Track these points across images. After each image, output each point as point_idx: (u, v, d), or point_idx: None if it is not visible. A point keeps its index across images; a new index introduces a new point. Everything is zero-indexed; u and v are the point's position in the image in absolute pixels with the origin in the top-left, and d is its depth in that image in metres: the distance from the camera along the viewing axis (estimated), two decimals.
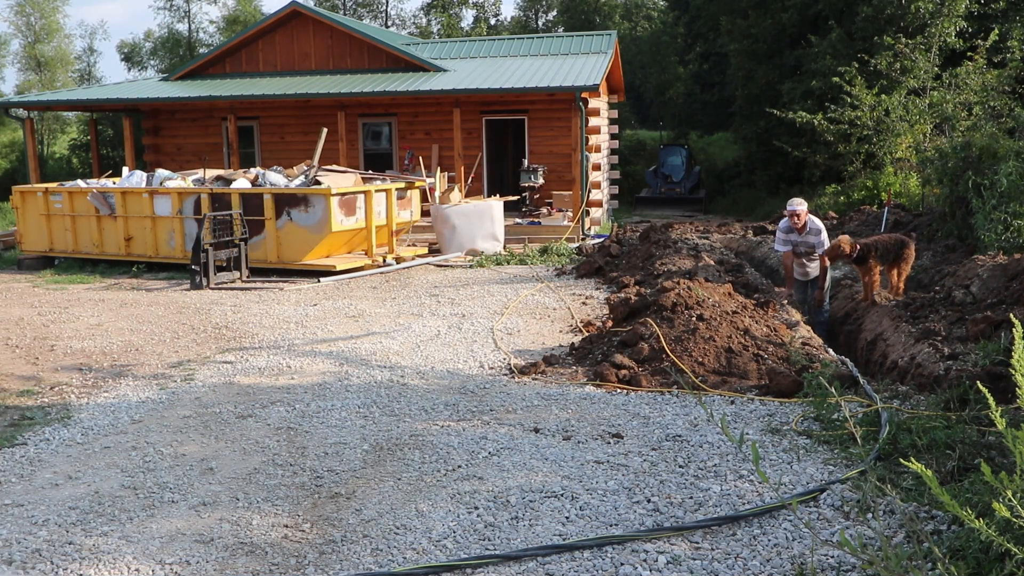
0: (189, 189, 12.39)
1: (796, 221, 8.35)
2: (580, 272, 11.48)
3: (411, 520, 3.70)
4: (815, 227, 8.41)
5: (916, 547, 2.99)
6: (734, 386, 5.76)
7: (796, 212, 8.33)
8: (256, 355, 7.13)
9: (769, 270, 12.00)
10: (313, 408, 5.49)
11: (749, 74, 25.89)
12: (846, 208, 18.08)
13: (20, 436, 5.06)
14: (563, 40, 20.96)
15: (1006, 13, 19.68)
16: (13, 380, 6.42)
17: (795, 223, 8.37)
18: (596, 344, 6.89)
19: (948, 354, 5.82)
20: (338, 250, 12.09)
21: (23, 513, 3.90)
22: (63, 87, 40.85)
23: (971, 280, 7.84)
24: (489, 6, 51.73)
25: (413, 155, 17.46)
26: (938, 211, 12.83)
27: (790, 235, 8.52)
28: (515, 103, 17.62)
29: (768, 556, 3.29)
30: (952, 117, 16.28)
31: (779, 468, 4.22)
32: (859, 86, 18.20)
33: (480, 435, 4.82)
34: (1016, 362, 2.20)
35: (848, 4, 22.03)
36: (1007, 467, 3.40)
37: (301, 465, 4.46)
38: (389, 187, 12.66)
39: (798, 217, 8.33)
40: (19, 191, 13.70)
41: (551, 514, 3.71)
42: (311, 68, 18.93)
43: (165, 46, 45.91)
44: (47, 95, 20.95)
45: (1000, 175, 9.71)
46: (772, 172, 25.24)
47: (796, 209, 8.34)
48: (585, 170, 16.14)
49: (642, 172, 30.69)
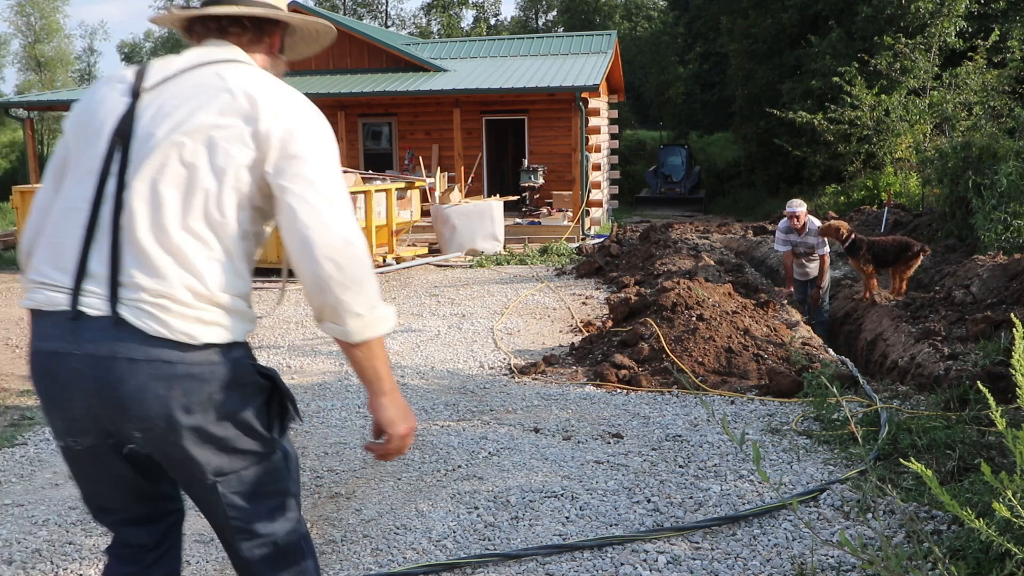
0: None
1: (795, 222, 8.39)
2: (580, 272, 11.48)
3: (411, 520, 3.70)
4: (814, 228, 8.44)
5: (916, 547, 2.99)
6: (734, 386, 5.76)
7: (795, 214, 8.36)
8: (256, 355, 7.13)
9: (769, 270, 12.01)
10: (313, 408, 5.50)
11: (749, 74, 25.89)
12: (846, 208, 18.09)
13: (20, 436, 5.06)
14: (563, 40, 20.97)
15: (1006, 13, 19.69)
16: (13, 380, 6.42)
17: (794, 224, 8.40)
18: (596, 344, 6.89)
19: (948, 354, 5.82)
20: None
21: (23, 513, 3.90)
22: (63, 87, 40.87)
23: (971, 280, 7.84)
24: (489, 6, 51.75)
25: (413, 155, 17.46)
26: (938, 211, 12.84)
27: (789, 235, 8.54)
28: (515, 103, 17.62)
29: (768, 556, 3.29)
30: (952, 117, 16.29)
31: (779, 468, 4.22)
32: (859, 86, 18.20)
33: (480, 435, 4.82)
34: (1016, 362, 2.20)
35: (848, 4, 22.04)
36: (1007, 467, 3.40)
37: (301, 465, 4.46)
38: (389, 187, 12.66)
39: (797, 219, 8.36)
40: (19, 191, 13.70)
41: (551, 514, 3.71)
42: (311, 68, 18.92)
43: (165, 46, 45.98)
44: (47, 95, 20.96)
45: (1000, 175, 9.71)
46: (772, 172, 25.25)
47: (795, 211, 8.37)
48: (585, 170, 16.14)
49: (642, 172, 30.68)
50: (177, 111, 1.71)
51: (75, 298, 1.69)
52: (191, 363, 1.71)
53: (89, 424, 1.77)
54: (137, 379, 1.68)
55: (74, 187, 1.75)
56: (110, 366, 1.68)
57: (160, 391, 1.69)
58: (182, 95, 1.73)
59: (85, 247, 1.70)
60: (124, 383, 1.68)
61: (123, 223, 1.69)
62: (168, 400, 1.70)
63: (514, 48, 20.77)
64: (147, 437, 1.75)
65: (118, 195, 1.70)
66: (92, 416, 1.75)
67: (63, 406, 1.77)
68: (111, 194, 1.71)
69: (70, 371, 1.71)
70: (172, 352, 1.69)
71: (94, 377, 1.69)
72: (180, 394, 1.70)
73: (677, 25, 38.93)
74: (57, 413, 1.80)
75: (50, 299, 1.73)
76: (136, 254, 1.69)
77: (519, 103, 17.54)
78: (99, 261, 1.70)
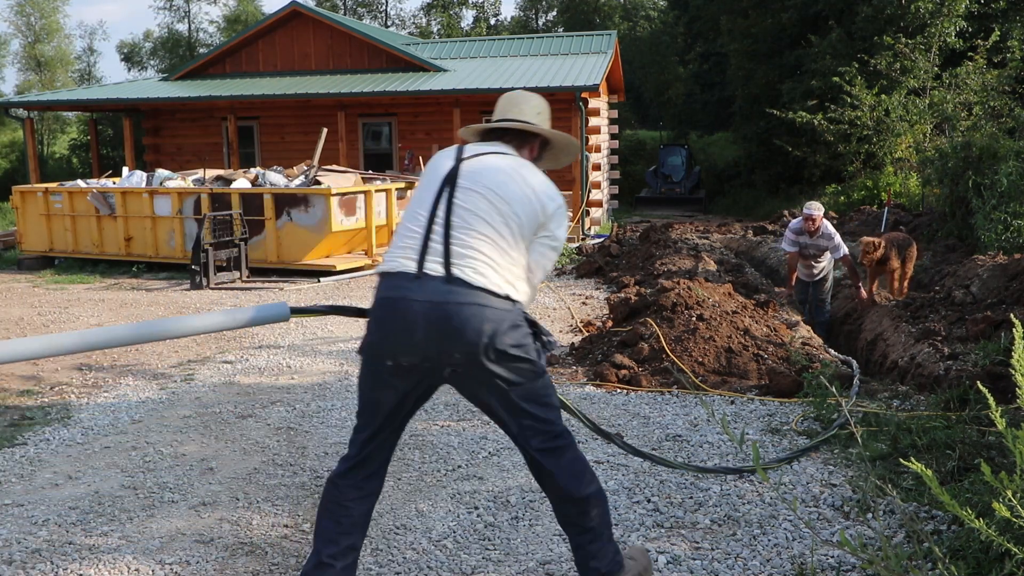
0: (189, 189, 12.39)
1: (810, 225, 8.35)
2: (580, 272, 11.48)
3: (411, 520, 3.70)
4: (827, 231, 8.42)
5: (916, 547, 2.99)
6: (734, 386, 5.76)
7: (812, 216, 8.32)
8: (256, 355, 7.14)
9: (769, 270, 12.00)
10: (313, 408, 5.50)
11: (749, 74, 25.88)
12: (846, 208, 18.09)
13: (20, 436, 5.06)
14: (563, 40, 20.94)
15: (1006, 13, 19.67)
16: (13, 380, 6.42)
17: (808, 227, 8.37)
18: (596, 344, 6.89)
19: (948, 354, 5.82)
20: (338, 250, 12.09)
21: (23, 513, 3.90)
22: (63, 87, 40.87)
23: (971, 280, 7.84)
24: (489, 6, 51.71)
25: (413, 155, 17.45)
26: (938, 211, 12.83)
27: (800, 237, 8.51)
28: None
29: (768, 556, 3.29)
30: (952, 117, 16.28)
31: (779, 468, 4.22)
32: (859, 86, 18.19)
33: (480, 435, 4.82)
34: (1016, 362, 2.20)
35: (848, 4, 22.02)
36: (1007, 467, 3.40)
37: (301, 465, 4.46)
38: (389, 187, 12.66)
39: (813, 221, 8.33)
40: (19, 191, 13.70)
41: (551, 514, 3.71)
42: (311, 68, 18.92)
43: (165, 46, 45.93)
44: (47, 95, 20.95)
45: (1000, 175, 9.71)
46: (772, 172, 25.24)
47: (813, 214, 8.34)
48: (585, 170, 16.14)
49: (642, 172, 30.64)
50: (482, 175, 2.76)
51: (420, 265, 2.62)
52: (496, 307, 2.60)
53: (419, 349, 2.60)
54: (462, 316, 2.56)
55: (418, 206, 2.77)
56: (444, 308, 2.56)
57: (477, 324, 2.56)
58: (484, 166, 2.80)
59: (426, 236, 2.67)
60: (453, 319, 2.56)
61: (453, 223, 2.67)
62: (482, 330, 2.56)
63: (514, 48, 20.75)
64: (466, 358, 2.58)
65: (448, 210, 2.70)
66: (425, 343, 2.59)
67: (403, 335, 2.61)
68: (443, 209, 2.71)
69: (414, 311, 2.58)
70: (486, 296, 2.59)
71: (433, 316, 2.56)
72: (490, 327, 2.56)
73: (677, 25, 38.89)
74: (394, 339, 2.64)
75: (402, 264, 2.66)
76: (460, 242, 2.65)
77: None
78: (436, 243, 2.65)
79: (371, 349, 2.71)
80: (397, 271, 2.66)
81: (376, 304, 2.69)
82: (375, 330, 2.69)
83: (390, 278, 2.69)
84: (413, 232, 2.72)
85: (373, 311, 2.70)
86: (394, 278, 2.67)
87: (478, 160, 2.81)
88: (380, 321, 2.68)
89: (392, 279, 2.68)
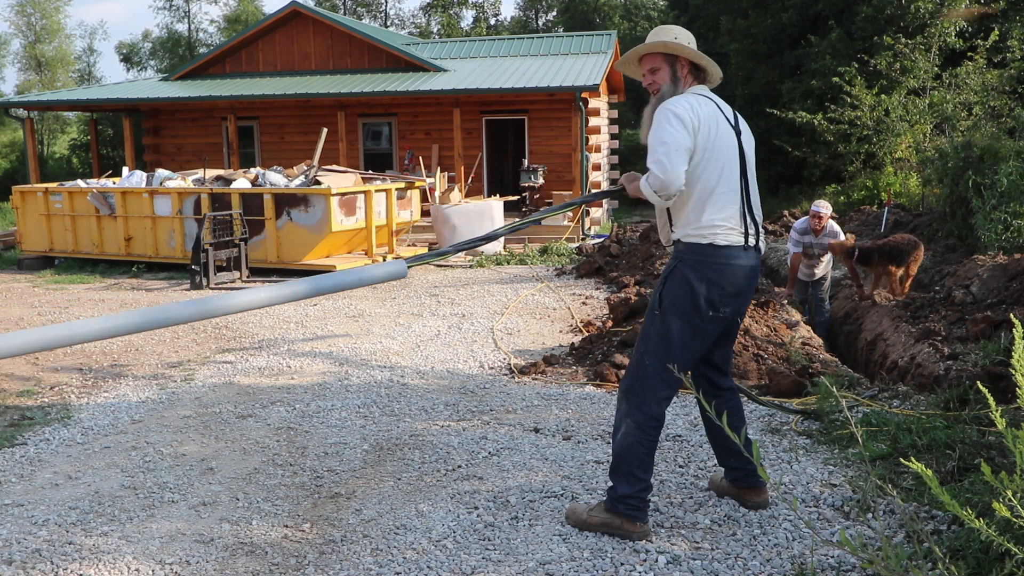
0: (189, 189, 12.39)
1: (817, 223, 8.36)
2: (580, 272, 11.48)
3: (411, 520, 3.70)
4: (832, 230, 8.46)
5: (916, 547, 2.99)
6: None
7: (820, 214, 8.34)
8: (256, 355, 7.14)
9: (769, 270, 12.00)
10: (313, 408, 5.50)
11: (749, 74, 25.86)
12: (846, 208, 18.07)
13: (20, 436, 5.06)
14: (563, 40, 20.95)
15: (1006, 13, 19.66)
16: (13, 380, 6.42)
17: (815, 225, 8.38)
18: (596, 344, 6.89)
19: (948, 354, 5.82)
20: (338, 250, 12.10)
21: (23, 513, 3.90)
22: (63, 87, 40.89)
23: (971, 280, 7.84)
24: (489, 6, 51.73)
25: (413, 155, 17.46)
26: (938, 211, 12.82)
27: (805, 236, 8.52)
28: (515, 103, 17.62)
29: (768, 556, 3.29)
30: (952, 117, 16.28)
31: (779, 468, 4.22)
32: (859, 86, 18.18)
33: (480, 435, 4.82)
34: (1016, 362, 2.20)
35: (848, 4, 22.02)
36: (1007, 467, 3.40)
37: (301, 465, 4.46)
38: (389, 187, 12.66)
39: (820, 219, 8.34)
40: (19, 191, 13.71)
41: (551, 514, 3.71)
42: (311, 68, 18.92)
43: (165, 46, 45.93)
44: (47, 95, 20.95)
45: (1000, 175, 9.70)
46: (772, 172, 25.21)
47: (821, 211, 8.35)
48: (585, 170, 16.14)
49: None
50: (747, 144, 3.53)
51: (746, 239, 3.40)
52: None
53: (739, 304, 3.45)
54: (758, 276, 3.54)
55: (729, 180, 3.39)
56: (757, 271, 3.49)
57: (755, 283, 3.49)
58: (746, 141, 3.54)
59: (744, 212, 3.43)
60: (756, 279, 3.49)
61: (752, 200, 3.46)
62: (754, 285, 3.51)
63: (514, 48, 20.75)
64: (745, 307, 3.54)
65: (744, 185, 3.44)
66: (745, 299, 3.47)
67: (746, 294, 3.45)
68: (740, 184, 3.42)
69: (752, 276, 3.43)
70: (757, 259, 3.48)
71: (755, 277, 3.46)
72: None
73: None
74: (738, 299, 3.42)
75: (737, 240, 3.38)
76: (755, 214, 3.47)
77: (519, 103, 17.54)
78: (752, 217, 3.44)
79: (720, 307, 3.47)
80: (737, 244, 3.38)
81: (730, 272, 3.39)
82: (730, 292, 3.43)
83: (732, 250, 3.40)
84: (733, 205, 3.39)
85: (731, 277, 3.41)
86: (735, 249, 3.38)
87: (746, 132, 3.52)
88: (734, 285, 3.41)
89: (733, 251, 3.38)
